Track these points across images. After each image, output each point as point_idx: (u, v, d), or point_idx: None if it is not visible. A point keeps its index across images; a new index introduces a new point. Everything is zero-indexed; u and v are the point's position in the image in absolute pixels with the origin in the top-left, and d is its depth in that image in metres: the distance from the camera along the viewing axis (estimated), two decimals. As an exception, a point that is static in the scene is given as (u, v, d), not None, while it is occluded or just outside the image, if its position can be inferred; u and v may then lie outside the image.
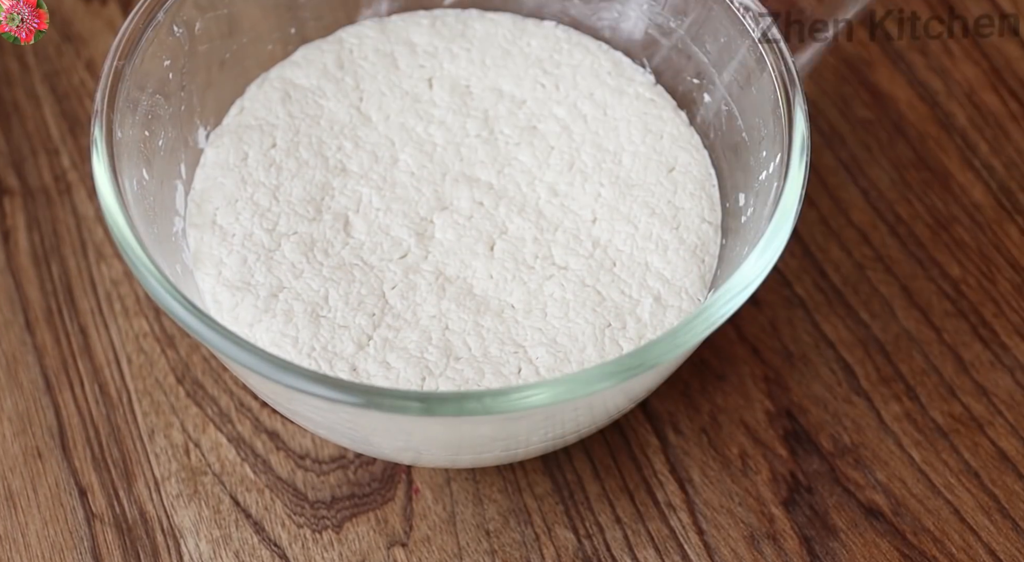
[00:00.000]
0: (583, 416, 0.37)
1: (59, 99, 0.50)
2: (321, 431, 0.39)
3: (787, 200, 0.35)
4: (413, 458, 0.40)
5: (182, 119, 0.40)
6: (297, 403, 0.36)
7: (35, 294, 0.46)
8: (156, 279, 0.33)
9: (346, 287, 0.38)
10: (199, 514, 0.41)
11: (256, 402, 0.44)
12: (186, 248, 0.39)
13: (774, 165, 0.36)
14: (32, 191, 0.48)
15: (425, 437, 0.37)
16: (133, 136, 0.37)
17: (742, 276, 0.33)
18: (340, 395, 0.31)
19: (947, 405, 0.44)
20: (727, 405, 0.44)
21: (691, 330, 0.33)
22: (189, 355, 0.45)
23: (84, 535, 0.41)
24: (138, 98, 0.37)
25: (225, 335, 0.32)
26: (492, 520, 0.41)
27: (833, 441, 0.43)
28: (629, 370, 0.32)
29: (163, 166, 0.39)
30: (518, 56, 0.43)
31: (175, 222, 0.39)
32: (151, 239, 0.35)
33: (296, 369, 0.32)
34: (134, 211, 0.35)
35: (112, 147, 0.35)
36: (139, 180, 0.37)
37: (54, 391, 0.44)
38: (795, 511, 0.42)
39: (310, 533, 0.41)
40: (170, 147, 0.39)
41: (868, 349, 0.45)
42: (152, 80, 0.38)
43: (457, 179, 0.41)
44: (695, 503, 0.42)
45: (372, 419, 0.34)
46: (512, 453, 0.39)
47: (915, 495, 0.42)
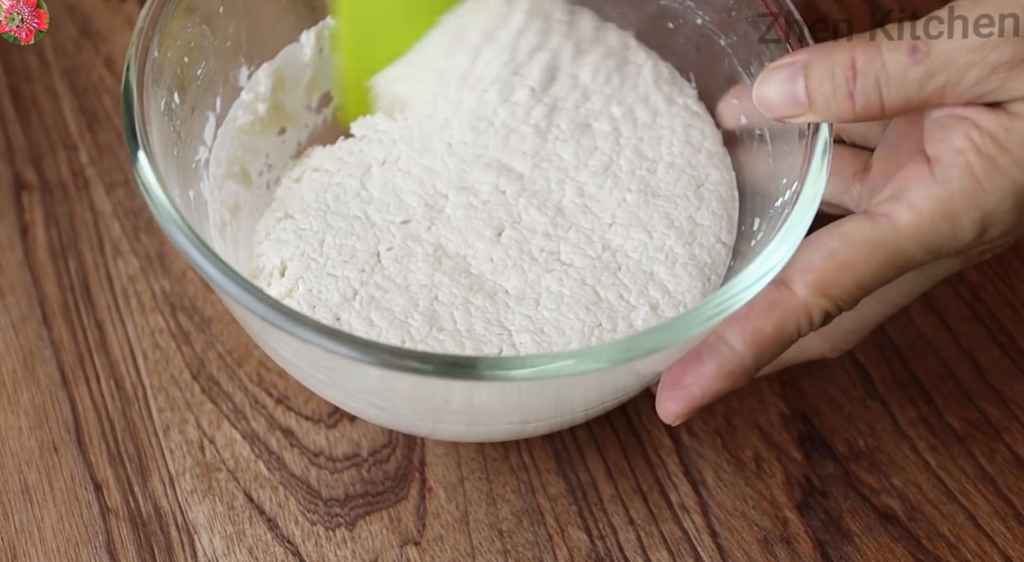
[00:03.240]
0: (592, 392, 0.37)
1: (78, 95, 0.50)
2: (333, 392, 0.38)
3: (805, 198, 0.34)
4: (431, 428, 0.39)
5: (227, 54, 0.40)
6: (307, 356, 0.35)
7: (52, 289, 0.46)
8: (166, 209, 0.33)
9: (343, 238, 0.38)
10: (213, 510, 0.41)
11: (271, 399, 0.44)
12: (206, 177, 0.39)
13: (790, 192, 0.36)
14: (50, 187, 0.48)
15: (444, 400, 0.36)
16: (171, 58, 0.37)
17: (747, 276, 0.33)
18: (355, 353, 0.31)
19: (963, 410, 0.44)
20: (741, 407, 0.44)
21: (702, 313, 0.32)
22: (204, 351, 0.45)
23: (99, 530, 0.41)
24: (183, 23, 0.37)
25: (239, 283, 0.32)
26: (505, 520, 0.41)
27: (848, 445, 0.43)
28: (634, 349, 0.32)
29: (198, 94, 0.39)
30: (601, 45, 0.42)
31: (199, 150, 0.39)
32: (169, 162, 0.35)
33: (311, 323, 0.31)
34: (154, 130, 0.35)
35: (144, 63, 0.35)
36: (168, 101, 0.37)
37: (70, 386, 0.44)
38: (809, 515, 0.42)
39: (323, 530, 0.41)
40: (209, 78, 0.39)
41: (884, 353, 0.45)
42: (201, 9, 0.38)
43: (489, 164, 0.40)
44: (709, 505, 0.42)
45: (395, 381, 0.34)
46: (521, 427, 0.39)
47: (930, 500, 0.42)
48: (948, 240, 0.32)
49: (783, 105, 0.34)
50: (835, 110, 0.33)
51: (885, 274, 0.33)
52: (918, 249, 0.32)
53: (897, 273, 0.33)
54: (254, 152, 0.43)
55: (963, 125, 0.32)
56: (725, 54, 0.41)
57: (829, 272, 0.33)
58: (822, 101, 0.33)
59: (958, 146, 0.32)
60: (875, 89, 0.32)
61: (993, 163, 0.32)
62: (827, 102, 0.33)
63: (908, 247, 0.32)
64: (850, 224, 0.33)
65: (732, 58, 0.41)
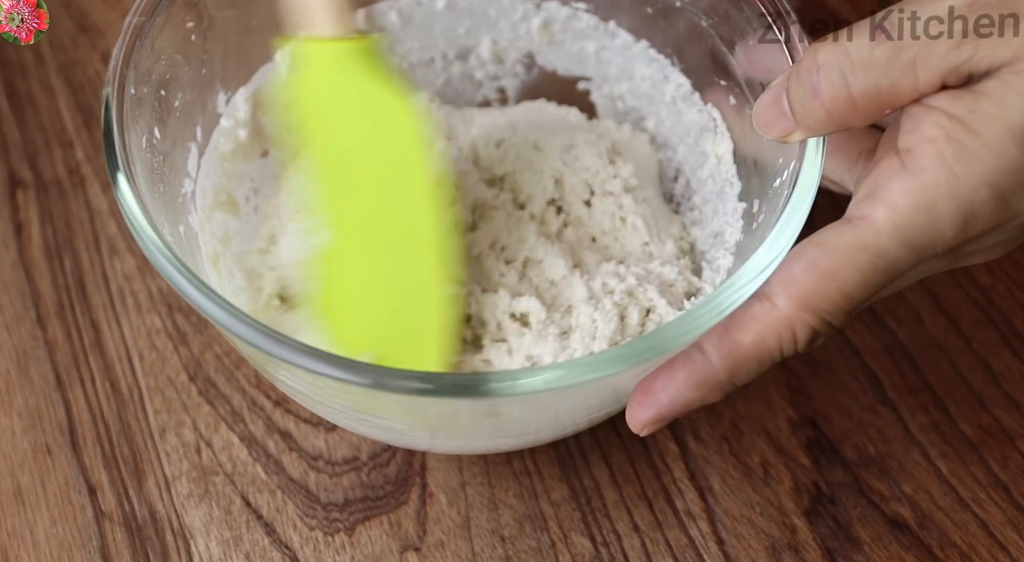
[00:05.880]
0: (593, 400, 0.36)
1: (74, 91, 0.50)
2: (333, 412, 0.38)
3: (804, 182, 0.34)
4: (428, 442, 0.40)
5: (202, 82, 0.40)
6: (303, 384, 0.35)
7: (47, 288, 0.46)
8: (159, 249, 0.33)
9: None
10: (210, 514, 0.41)
11: (269, 402, 0.43)
12: (194, 210, 0.39)
13: (788, 172, 0.36)
14: (46, 184, 0.48)
15: (437, 416, 0.36)
16: (148, 94, 0.37)
17: (754, 265, 0.33)
18: (349, 376, 0.31)
19: (976, 416, 0.44)
20: (749, 412, 0.43)
21: (697, 318, 0.32)
22: (202, 352, 0.44)
23: (93, 534, 0.41)
24: (156, 57, 0.37)
25: (234, 314, 0.32)
26: (507, 526, 0.41)
27: (858, 451, 0.43)
28: (637, 356, 0.31)
29: (177, 127, 0.39)
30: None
31: (184, 183, 0.39)
32: (156, 199, 0.35)
33: (299, 347, 0.31)
34: (137, 167, 0.35)
35: (123, 102, 0.35)
36: (149, 138, 0.37)
37: (65, 387, 0.44)
38: (818, 522, 0.41)
39: (322, 536, 0.41)
40: (187, 109, 0.39)
41: (895, 357, 0.45)
42: (173, 40, 0.38)
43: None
44: (715, 512, 0.41)
45: (385, 399, 0.34)
46: (522, 439, 0.39)
47: (942, 508, 0.42)
48: (929, 235, 0.31)
49: (775, 123, 0.34)
50: (810, 115, 0.32)
51: (870, 281, 0.31)
52: (899, 247, 0.31)
53: (884, 279, 0.32)
54: (239, 178, 0.43)
55: (932, 114, 0.31)
56: (707, 35, 0.41)
57: (811, 283, 0.31)
58: (799, 109, 0.33)
59: (928, 135, 0.31)
60: (840, 80, 0.31)
61: (963, 148, 0.30)
62: (803, 109, 0.33)
63: (889, 246, 0.31)
64: (828, 232, 0.32)
65: (715, 38, 0.41)
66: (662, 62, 0.44)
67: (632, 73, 0.45)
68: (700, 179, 0.44)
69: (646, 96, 0.45)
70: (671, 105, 0.44)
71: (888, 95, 0.31)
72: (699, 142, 0.43)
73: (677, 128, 0.45)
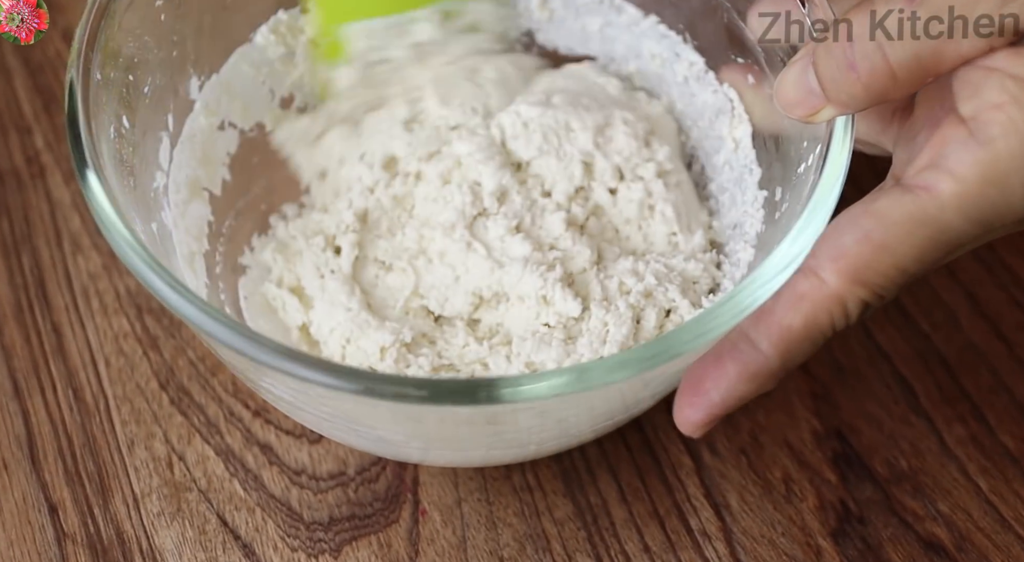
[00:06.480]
0: (600, 409, 0.36)
1: (32, 72, 0.49)
2: (318, 422, 0.38)
3: (826, 179, 0.33)
4: (421, 454, 0.39)
5: (174, 66, 0.39)
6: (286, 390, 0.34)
7: (3, 288, 0.45)
8: (132, 247, 0.32)
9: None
10: (182, 535, 0.40)
11: (248, 411, 0.43)
12: (167, 206, 0.39)
13: (813, 156, 0.35)
14: (2, 174, 0.47)
15: (431, 426, 0.36)
16: (115, 78, 0.36)
17: (777, 259, 0.32)
18: (339, 382, 0.30)
19: (1019, 428, 0.43)
20: (769, 423, 0.42)
21: (715, 318, 0.31)
22: (174, 358, 0.44)
23: (54, 556, 0.39)
24: (124, 38, 0.37)
25: (215, 317, 0.31)
26: (507, 546, 0.40)
27: (888, 466, 0.42)
28: (649, 360, 0.30)
29: (148, 115, 0.38)
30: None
31: (156, 176, 0.38)
32: (127, 194, 0.35)
33: (284, 351, 0.30)
34: (105, 159, 0.34)
35: (88, 88, 0.35)
36: (117, 127, 0.36)
37: (23, 396, 0.43)
38: (845, 544, 0.40)
39: (305, 557, 0.40)
40: (157, 95, 0.39)
41: (929, 363, 0.44)
42: (142, 19, 0.37)
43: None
44: (733, 532, 0.40)
45: (376, 408, 0.33)
46: (523, 451, 0.38)
47: (981, 529, 0.41)
48: (1000, 210, 0.31)
49: (802, 101, 0.33)
50: (845, 90, 0.32)
51: (929, 255, 0.31)
52: (966, 223, 0.31)
53: (944, 253, 0.31)
54: (215, 168, 0.42)
55: (993, 77, 0.30)
56: (723, 8, 0.40)
57: (864, 256, 0.31)
58: (831, 85, 0.32)
59: (994, 101, 0.30)
60: (877, 51, 0.31)
61: None
62: (835, 84, 0.32)
63: (955, 222, 0.31)
64: (885, 200, 0.31)
65: (731, 12, 0.40)
66: (673, 39, 0.43)
67: (640, 51, 0.44)
68: (716, 166, 0.43)
69: (656, 76, 0.44)
70: (683, 85, 0.43)
71: (928, 64, 0.31)
72: (715, 125, 0.42)
73: (690, 110, 0.44)
